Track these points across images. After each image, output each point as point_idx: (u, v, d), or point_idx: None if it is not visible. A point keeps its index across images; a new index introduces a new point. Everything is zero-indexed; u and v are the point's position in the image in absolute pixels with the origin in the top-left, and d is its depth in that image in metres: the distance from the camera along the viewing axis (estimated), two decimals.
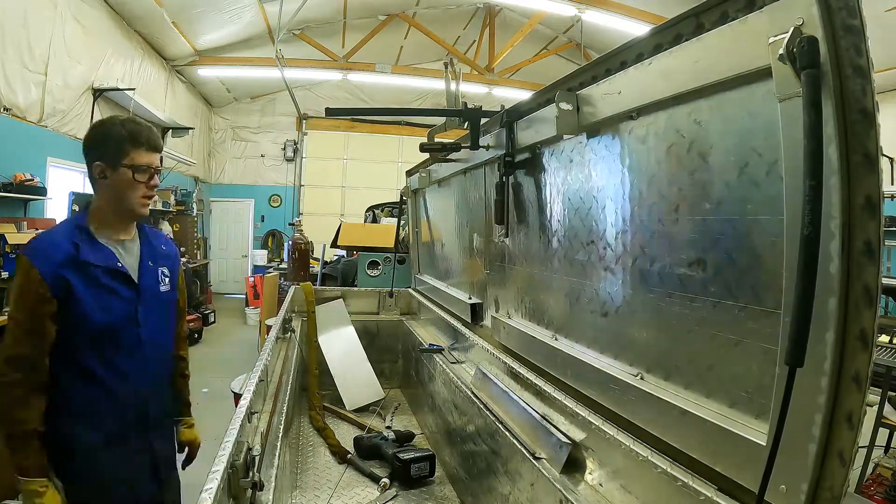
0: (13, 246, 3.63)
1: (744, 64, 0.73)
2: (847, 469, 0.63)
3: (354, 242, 3.77)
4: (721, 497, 0.80)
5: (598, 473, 1.11)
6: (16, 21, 4.45)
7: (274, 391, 1.57)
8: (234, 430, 1.00)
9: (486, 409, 1.53)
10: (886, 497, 2.58)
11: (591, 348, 1.22)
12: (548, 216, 1.39)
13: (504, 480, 1.38)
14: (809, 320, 0.60)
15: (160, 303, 1.56)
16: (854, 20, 0.60)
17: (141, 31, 6.74)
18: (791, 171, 0.67)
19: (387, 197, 6.55)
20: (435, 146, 1.84)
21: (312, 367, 2.31)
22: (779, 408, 0.64)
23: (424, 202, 2.87)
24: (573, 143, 1.24)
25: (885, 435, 3.20)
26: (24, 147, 4.80)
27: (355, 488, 1.86)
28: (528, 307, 1.57)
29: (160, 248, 1.62)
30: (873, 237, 0.61)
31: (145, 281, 1.52)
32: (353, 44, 8.53)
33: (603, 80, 1.06)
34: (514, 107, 1.49)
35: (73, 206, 5.12)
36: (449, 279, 2.49)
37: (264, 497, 1.04)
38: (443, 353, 2.17)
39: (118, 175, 1.44)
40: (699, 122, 0.86)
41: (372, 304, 3.04)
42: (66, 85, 5.33)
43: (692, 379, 0.90)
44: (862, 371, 0.62)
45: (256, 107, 10.71)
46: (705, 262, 0.87)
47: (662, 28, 0.89)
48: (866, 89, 0.60)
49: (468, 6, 8.58)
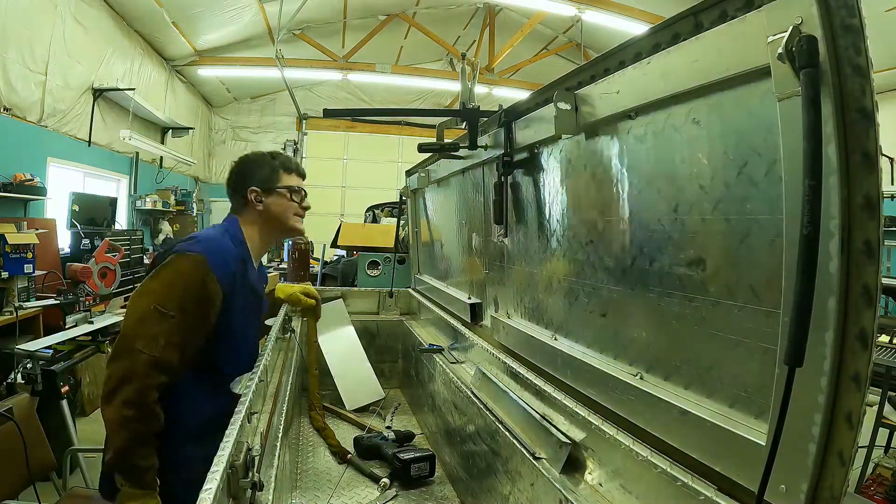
0: (13, 246, 3.62)
1: (742, 63, 0.73)
2: (847, 469, 0.63)
3: (354, 242, 3.77)
4: (721, 497, 0.80)
5: (598, 473, 1.11)
6: (17, 21, 4.45)
7: (274, 391, 1.56)
8: (234, 430, 1.00)
9: (485, 409, 1.53)
10: (886, 497, 2.58)
11: (590, 348, 1.22)
12: (546, 216, 1.39)
13: (504, 480, 1.38)
14: (809, 320, 0.60)
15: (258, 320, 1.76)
16: (853, 19, 0.60)
17: (141, 31, 6.75)
18: (790, 171, 0.67)
19: (387, 197, 6.54)
20: (434, 146, 1.84)
21: (312, 367, 2.31)
22: (778, 408, 0.64)
23: (424, 202, 2.87)
24: (571, 143, 1.24)
25: (885, 435, 3.21)
26: (24, 147, 4.81)
27: (355, 488, 1.86)
28: (527, 307, 1.57)
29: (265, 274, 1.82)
30: (873, 237, 0.61)
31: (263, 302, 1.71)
32: (353, 44, 8.54)
33: (601, 79, 1.06)
34: (512, 107, 1.49)
35: (73, 206, 5.11)
36: (448, 279, 2.49)
37: (264, 497, 1.04)
38: (443, 353, 2.17)
39: (275, 198, 1.56)
40: (698, 121, 0.86)
41: (372, 304, 3.04)
42: (66, 85, 5.33)
43: (692, 379, 0.90)
44: (862, 371, 0.62)
45: (256, 107, 10.71)
46: (704, 262, 0.86)
47: (661, 27, 0.89)
48: (865, 89, 0.60)
49: (468, 6, 8.58)
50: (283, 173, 1.59)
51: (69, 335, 3.43)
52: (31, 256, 3.77)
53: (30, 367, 3.00)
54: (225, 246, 1.44)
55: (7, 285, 3.68)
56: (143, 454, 1.24)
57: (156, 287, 1.33)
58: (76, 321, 3.74)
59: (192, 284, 1.32)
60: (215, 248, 1.40)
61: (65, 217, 5.07)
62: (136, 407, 1.23)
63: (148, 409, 1.25)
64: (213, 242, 1.43)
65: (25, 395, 2.19)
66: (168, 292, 1.31)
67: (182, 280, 1.33)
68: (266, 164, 1.59)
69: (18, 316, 3.45)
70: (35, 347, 3.07)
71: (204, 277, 1.33)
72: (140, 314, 1.29)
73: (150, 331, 1.27)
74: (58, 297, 3.94)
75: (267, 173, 1.58)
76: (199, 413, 1.39)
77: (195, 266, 1.33)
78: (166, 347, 1.28)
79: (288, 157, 1.66)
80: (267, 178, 1.57)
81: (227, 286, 1.38)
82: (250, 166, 1.60)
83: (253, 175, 1.57)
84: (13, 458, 1.89)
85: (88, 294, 3.90)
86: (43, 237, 4.00)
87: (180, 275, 1.33)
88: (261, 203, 1.56)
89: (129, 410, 1.23)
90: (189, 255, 1.35)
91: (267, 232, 1.60)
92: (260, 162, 1.60)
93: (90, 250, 4.67)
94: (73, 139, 5.62)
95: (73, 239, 4.94)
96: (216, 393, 1.42)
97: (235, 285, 1.42)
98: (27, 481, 1.94)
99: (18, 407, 2.01)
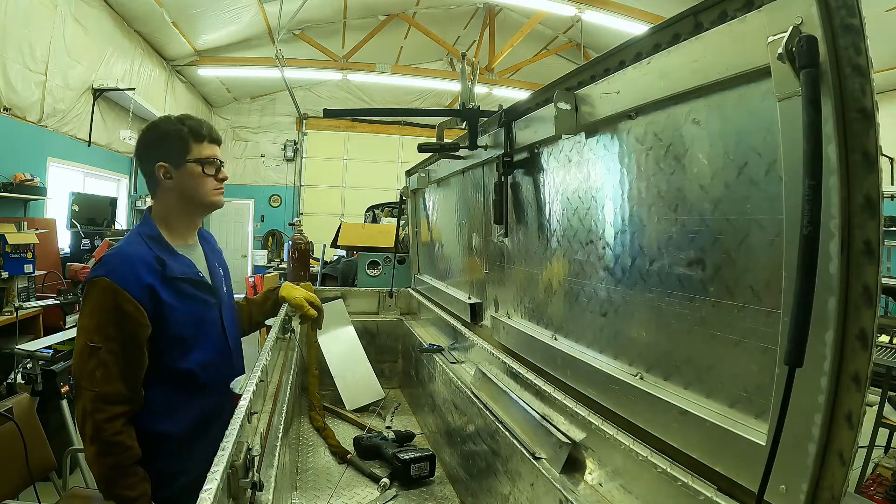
0: (13, 246, 3.62)
1: (742, 63, 0.73)
2: (847, 469, 0.63)
3: (354, 242, 3.76)
4: (721, 497, 0.80)
5: (598, 473, 1.11)
6: (17, 21, 4.45)
7: (274, 391, 1.56)
8: (234, 430, 1.00)
9: (486, 409, 1.53)
10: (886, 497, 2.58)
11: (590, 348, 1.22)
12: (546, 216, 1.39)
13: (504, 480, 1.38)
14: (809, 320, 0.60)
15: (230, 300, 1.61)
16: (853, 19, 0.60)
17: (141, 31, 6.74)
18: (790, 171, 0.67)
19: (387, 197, 6.55)
20: (434, 146, 1.84)
21: (312, 367, 2.31)
22: (778, 408, 0.64)
23: (424, 202, 2.87)
24: (571, 143, 1.24)
25: (885, 435, 3.21)
26: (24, 147, 4.81)
27: (355, 488, 1.86)
28: (527, 307, 1.57)
29: (215, 246, 1.64)
30: (873, 237, 0.61)
31: (218, 283, 1.54)
32: (353, 44, 8.54)
33: (601, 79, 1.06)
34: (512, 107, 1.49)
35: (73, 206, 5.11)
36: (448, 279, 2.49)
37: (264, 497, 1.04)
38: (442, 353, 2.17)
39: (186, 172, 1.40)
40: (698, 121, 0.86)
41: (372, 304, 3.04)
42: (66, 85, 5.33)
43: (692, 379, 0.90)
44: (862, 371, 0.62)
45: (256, 107, 10.72)
46: (704, 262, 0.86)
47: (661, 27, 0.89)
48: (866, 88, 0.60)
49: (468, 6, 8.58)
50: (192, 143, 1.41)
51: (69, 335, 3.43)
52: (31, 256, 3.77)
53: (30, 367, 3.00)
54: (132, 255, 1.33)
55: (7, 285, 3.68)
56: (125, 484, 1.22)
57: (83, 322, 1.29)
58: (76, 321, 3.74)
59: (106, 311, 1.26)
60: (119, 263, 1.31)
61: (65, 217, 5.07)
62: (97, 442, 1.22)
63: (109, 442, 1.22)
64: (117, 257, 1.33)
65: (25, 395, 2.19)
66: (90, 325, 1.27)
67: (98, 309, 1.26)
68: (173, 133, 1.41)
69: (18, 316, 3.46)
70: (35, 347, 3.08)
71: (115, 299, 1.25)
72: (78, 351, 1.27)
73: (87, 367, 1.24)
74: (58, 297, 3.94)
75: (176, 145, 1.40)
76: (180, 423, 1.37)
77: (103, 291, 1.26)
78: (105, 379, 1.23)
79: (199, 121, 1.46)
80: (176, 151, 1.40)
81: (146, 296, 1.29)
82: (155, 137, 1.42)
83: (160, 147, 1.41)
84: (13, 458, 1.89)
85: None
86: (43, 237, 4.00)
87: (95, 304, 1.27)
88: (170, 179, 1.40)
89: (94, 446, 1.22)
90: (95, 282, 1.27)
91: (187, 210, 1.46)
92: (166, 130, 1.41)
93: (90, 250, 4.68)
94: (73, 139, 5.62)
95: (73, 239, 4.94)
96: (195, 398, 1.39)
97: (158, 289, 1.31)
98: (27, 481, 1.94)
99: (18, 407, 2.01)
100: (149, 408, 1.32)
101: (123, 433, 1.24)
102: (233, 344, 1.56)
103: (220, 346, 1.50)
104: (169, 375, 1.36)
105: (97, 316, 1.26)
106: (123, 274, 1.28)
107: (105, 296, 1.25)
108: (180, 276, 1.38)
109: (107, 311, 1.25)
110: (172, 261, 1.38)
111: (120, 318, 1.25)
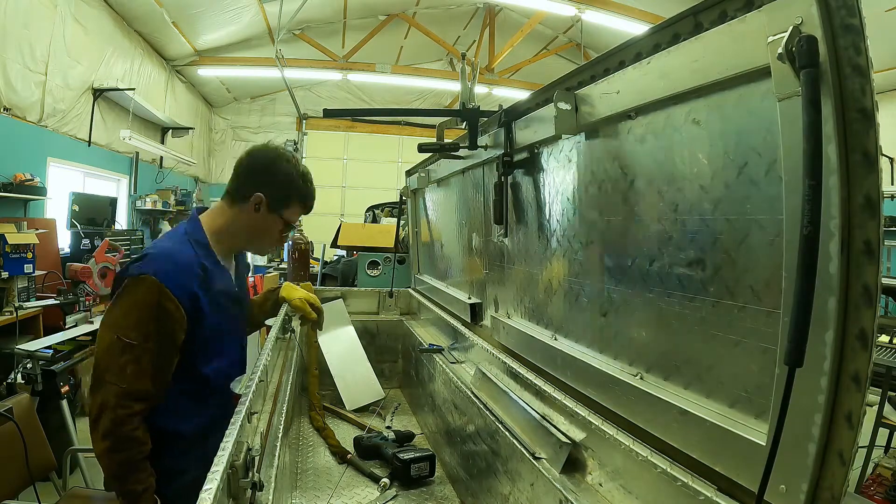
0: (13, 246, 3.62)
1: (742, 63, 0.73)
2: (847, 469, 0.63)
3: (354, 242, 3.76)
4: (721, 497, 0.80)
5: (598, 473, 1.11)
6: (17, 21, 4.45)
7: (274, 391, 1.56)
8: (234, 430, 1.00)
9: (486, 409, 1.53)
10: (886, 497, 2.58)
11: (590, 348, 1.22)
12: (546, 216, 1.39)
13: (504, 480, 1.38)
14: (809, 320, 0.60)
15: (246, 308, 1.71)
16: (853, 19, 0.60)
17: (141, 31, 6.75)
18: (790, 171, 0.67)
19: (387, 197, 6.55)
20: (434, 146, 1.84)
21: (312, 367, 2.31)
22: (778, 408, 0.64)
23: (424, 202, 2.87)
24: (571, 143, 1.24)
25: (885, 435, 3.21)
26: (24, 147, 4.81)
27: (355, 488, 1.86)
28: (527, 307, 1.57)
29: (245, 259, 1.74)
30: (873, 237, 0.61)
31: (245, 297, 1.63)
32: (353, 44, 8.54)
33: (601, 79, 1.06)
34: (512, 107, 1.49)
35: (73, 206, 5.11)
36: (448, 279, 2.49)
37: (264, 497, 1.04)
38: (442, 353, 2.17)
39: (271, 218, 1.49)
40: (698, 121, 0.86)
41: (372, 304, 3.04)
42: (66, 85, 5.33)
43: (692, 379, 0.90)
44: (862, 371, 0.62)
45: (256, 107, 10.71)
46: (704, 262, 0.86)
47: (661, 27, 0.89)
48: (865, 88, 0.60)
49: (468, 6, 8.58)
50: (295, 203, 1.51)
51: (69, 335, 3.44)
52: (31, 256, 3.77)
53: (30, 367, 3.00)
54: (180, 257, 1.34)
55: (7, 285, 3.68)
56: (134, 479, 1.23)
57: (116, 315, 1.28)
58: (76, 321, 3.75)
59: (148, 308, 1.26)
60: (168, 263, 1.31)
61: (65, 217, 5.07)
62: (113, 437, 1.22)
63: (126, 438, 1.23)
64: (166, 257, 1.33)
65: (25, 395, 2.19)
66: (127, 321, 1.26)
67: (138, 306, 1.26)
68: (294, 185, 1.50)
69: (18, 316, 3.46)
70: (35, 347, 3.08)
71: (160, 299, 1.26)
72: (106, 345, 1.26)
73: (117, 361, 1.23)
74: (58, 297, 3.94)
75: (286, 195, 1.49)
76: (191, 423, 1.39)
77: (148, 290, 1.26)
78: (135, 376, 1.24)
79: (313, 190, 1.56)
80: (281, 198, 1.48)
81: (189, 300, 1.31)
82: (280, 173, 1.48)
83: (274, 184, 1.47)
84: (13, 458, 1.89)
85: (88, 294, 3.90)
86: (43, 237, 4.00)
87: (135, 301, 1.27)
88: (256, 212, 1.47)
89: (107, 441, 1.22)
90: (142, 279, 1.27)
91: (242, 239, 1.53)
92: (291, 177, 1.49)
93: (90, 250, 4.68)
94: (73, 139, 5.62)
95: (73, 239, 4.94)
96: (207, 401, 1.42)
97: (199, 296, 1.34)
98: (27, 481, 1.94)
99: (18, 407, 2.01)
100: (164, 406, 1.33)
101: (139, 429, 1.26)
102: (245, 345, 1.63)
103: (237, 355, 1.56)
104: (188, 378, 1.38)
105: (136, 312, 1.26)
106: (171, 274, 1.29)
107: (150, 294, 1.26)
108: (220, 287, 1.43)
109: (149, 308, 1.26)
110: (215, 271, 1.43)
111: (161, 317, 1.27)
